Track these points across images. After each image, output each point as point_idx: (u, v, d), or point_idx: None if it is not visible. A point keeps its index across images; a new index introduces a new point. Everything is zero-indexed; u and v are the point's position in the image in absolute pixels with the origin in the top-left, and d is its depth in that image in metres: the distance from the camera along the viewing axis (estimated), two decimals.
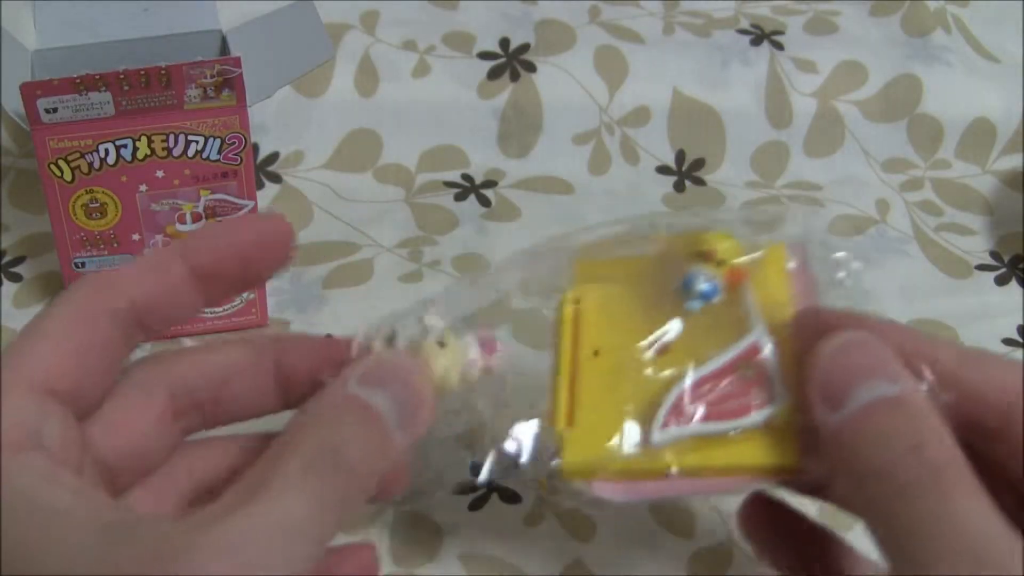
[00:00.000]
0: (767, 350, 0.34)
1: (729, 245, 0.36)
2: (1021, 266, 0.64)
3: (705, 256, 0.36)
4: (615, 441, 0.34)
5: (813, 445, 0.31)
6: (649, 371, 0.36)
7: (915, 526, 0.27)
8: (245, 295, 0.56)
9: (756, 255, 0.36)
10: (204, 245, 0.33)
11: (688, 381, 0.35)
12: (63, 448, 0.30)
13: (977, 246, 0.66)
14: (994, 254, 0.65)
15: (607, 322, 0.37)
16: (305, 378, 0.34)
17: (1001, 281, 0.64)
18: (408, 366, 0.32)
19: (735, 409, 0.34)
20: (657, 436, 0.34)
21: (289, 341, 0.35)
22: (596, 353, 0.37)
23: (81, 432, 0.31)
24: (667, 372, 0.35)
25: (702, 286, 0.36)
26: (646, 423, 0.34)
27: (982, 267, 0.64)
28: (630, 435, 0.34)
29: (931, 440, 0.28)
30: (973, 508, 0.27)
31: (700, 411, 0.34)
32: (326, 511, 0.28)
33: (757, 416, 0.33)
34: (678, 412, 0.34)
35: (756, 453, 0.33)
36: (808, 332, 0.33)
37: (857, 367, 0.30)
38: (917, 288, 0.62)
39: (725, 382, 0.34)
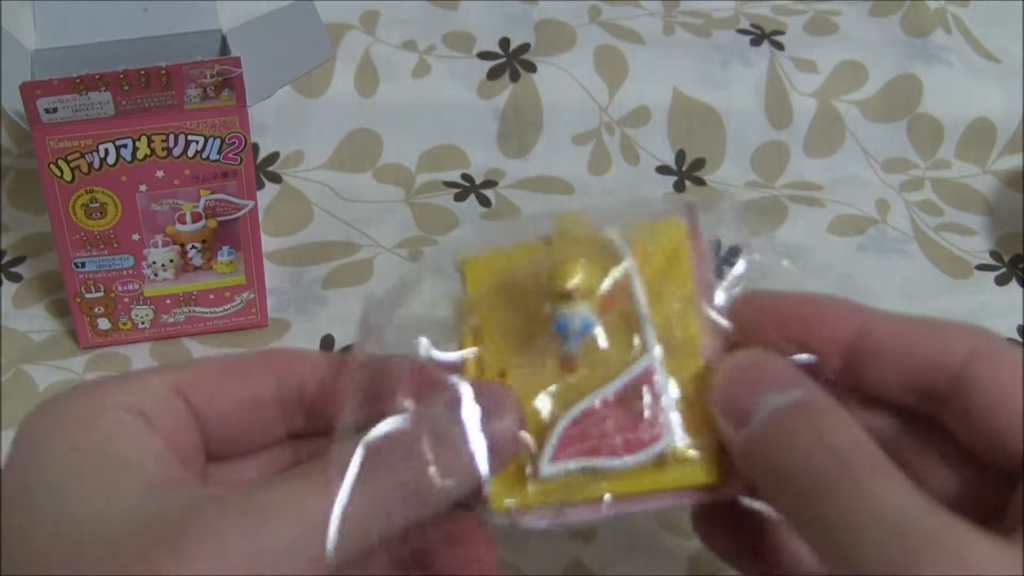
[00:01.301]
0: (657, 378, 0.33)
1: (586, 277, 0.33)
2: (1021, 266, 0.64)
3: (567, 296, 0.33)
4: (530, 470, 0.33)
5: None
6: (554, 394, 0.33)
7: (834, 519, 0.28)
8: (245, 295, 0.56)
9: (624, 265, 0.34)
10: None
11: (575, 412, 0.33)
12: (168, 434, 0.31)
13: (977, 246, 0.66)
14: (994, 254, 0.65)
15: (511, 341, 0.34)
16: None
17: (1001, 281, 0.64)
18: (505, 395, 0.32)
19: (628, 442, 0.33)
20: (546, 469, 0.32)
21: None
22: (502, 375, 0.34)
23: (197, 440, 0.32)
24: (571, 396, 0.33)
25: (574, 327, 0.33)
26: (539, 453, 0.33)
27: (982, 267, 0.64)
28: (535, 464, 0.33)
29: (834, 431, 0.29)
30: (887, 488, 0.28)
31: (590, 443, 0.33)
32: (370, 511, 0.29)
33: (648, 452, 0.32)
34: (567, 444, 0.33)
35: (678, 475, 0.32)
36: (746, 318, 0.33)
37: (754, 383, 0.31)
38: (917, 288, 0.62)
39: (617, 411, 0.33)
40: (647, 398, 0.33)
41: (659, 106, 0.70)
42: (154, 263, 0.53)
